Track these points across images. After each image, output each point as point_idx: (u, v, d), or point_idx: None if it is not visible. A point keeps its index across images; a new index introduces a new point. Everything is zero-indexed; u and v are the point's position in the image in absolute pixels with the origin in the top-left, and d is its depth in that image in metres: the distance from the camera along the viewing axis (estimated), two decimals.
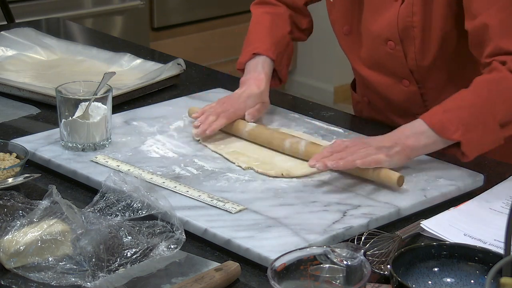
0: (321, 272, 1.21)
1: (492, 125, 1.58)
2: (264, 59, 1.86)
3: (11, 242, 1.32)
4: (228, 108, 1.77)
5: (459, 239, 1.42)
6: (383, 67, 1.82)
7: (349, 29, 1.85)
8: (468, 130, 1.56)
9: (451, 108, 1.59)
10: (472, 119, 1.57)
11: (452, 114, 1.58)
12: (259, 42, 1.88)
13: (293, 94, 1.95)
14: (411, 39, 1.74)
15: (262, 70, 1.84)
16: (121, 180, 1.47)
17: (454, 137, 1.57)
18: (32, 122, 1.89)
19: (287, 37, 1.91)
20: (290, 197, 1.53)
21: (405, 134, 1.60)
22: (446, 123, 1.57)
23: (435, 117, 1.59)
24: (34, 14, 3.32)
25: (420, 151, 1.60)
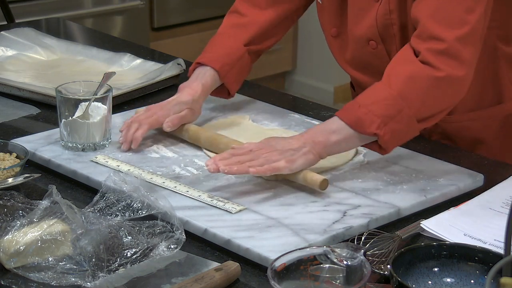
0: (321, 272, 1.21)
1: (408, 116, 1.56)
2: (206, 69, 1.82)
3: (11, 242, 1.32)
4: (152, 115, 1.73)
5: (459, 239, 1.42)
6: (369, 68, 1.82)
7: (337, 32, 1.85)
8: (385, 122, 1.54)
9: (366, 102, 1.56)
10: (387, 111, 1.55)
11: (367, 108, 1.55)
12: (208, 52, 1.85)
13: (293, 94, 1.95)
14: (392, 37, 1.75)
15: (200, 81, 1.81)
16: (121, 180, 1.47)
17: (370, 130, 1.54)
18: (32, 122, 1.89)
19: (241, 49, 1.86)
20: (290, 197, 1.53)
21: (316, 132, 1.57)
22: (361, 117, 1.55)
23: (350, 113, 1.56)
24: (34, 14, 3.32)
25: (332, 148, 1.57)
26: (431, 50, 1.56)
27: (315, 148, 1.55)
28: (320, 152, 1.56)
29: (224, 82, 1.84)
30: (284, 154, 1.54)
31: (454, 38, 1.56)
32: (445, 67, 1.56)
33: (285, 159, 1.53)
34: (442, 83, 1.57)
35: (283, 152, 1.54)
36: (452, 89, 1.59)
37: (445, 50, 1.56)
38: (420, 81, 1.56)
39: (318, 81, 4.68)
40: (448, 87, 1.58)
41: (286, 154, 1.54)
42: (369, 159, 1.68)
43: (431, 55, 1.56)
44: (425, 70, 1.56)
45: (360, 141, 1.57)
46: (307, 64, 4.72)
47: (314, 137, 1.56)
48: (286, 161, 1.53)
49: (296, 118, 1.87)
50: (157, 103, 1.78)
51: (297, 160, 1.54)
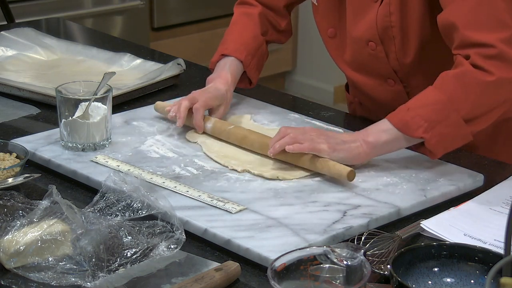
0: (321, 272, 1.21)
1: (456, 121, 1.57)
2: (232, 60, 1.88)
3: (11, 242, 1.32)
4: (197, 99, 1.78)
5: (459, 239, 1.42)
6: (368, 69, 1.83)
7: (334, 32, 1.86)
8: (432, 126, 1.56)
9: (415, 106, 1.59)
10: (435, 115, 1.57)
11: (415, 112, 1.58)
12: (229, 43, 1.90)
13: (293, 94, 1.95)
14: (391, 39, 1.75)
15: (228, 70, 1.86)
16: (121, 180, 1.47)
17: (417, 134, 1.57)
18: (32, 122, 1.89)
19: (259, 38, 1.92)
20: (290, 197, 1.53)
21: (367, 132, 1.61)
22: (409, 121, 1.57)
23: (398, 116, 1.59)
24: (34, 14, 3.32)
25: (381, 148, 1.61)
26: (480, 55, 1.58)
27: (364, 146, 1.60)
28: (369, 151, 1.60)
29: (247, 71, 1.90)
30: (329, 140, 1.59)
31: (499, 41, 1.58)
32: (496, 70, 1.57)
33: (328, 145, 1.58)
34: (493, 86, 1.58)
35: (329, 139, 1.60)
36: (502, 91, 1.60)
37: (494, 55, 1.57)
38: (471, 85, 1.58)
39: (318, 81, 4.68)
40: (499, 89, 1.59)
41: (331, 141, 1.59)
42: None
43: (481, 59, 1.58)
44: (476, 74, 1.58)
45: (407, 143, 1.61)
46: (307, 64, 4.71)
47: (366, 136, 1.60)
48: (328, 146, 1.58)
49: (296, 118, 1.87)
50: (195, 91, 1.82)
51: (340, 150, 1.59)
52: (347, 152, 1.59)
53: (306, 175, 1.61)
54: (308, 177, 1.61)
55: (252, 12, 1.94)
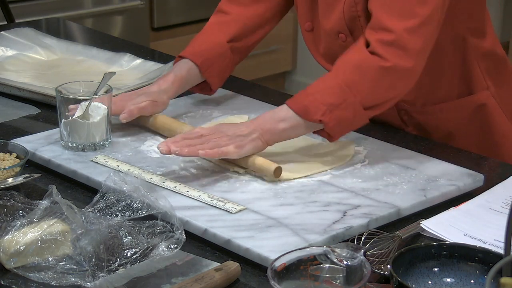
0: (321, 272, 1.21)
1: (354, 104, 1.60)
2: (186, 62, 1.86)
3: (11, 242, 1.32)
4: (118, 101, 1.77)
5: (459, 239, 1.42)
6: None
7: (310, 26, 1.87)
8: (330, 110, 1.59)
9: (314, 91, 1.62)
10: (332, 99, 1.59)
11: (314, 97, 1.60)
12: (190, 47, 1.89)
13: (293, 94, 1.95)
14: (359, 29, 1.76)
15: (173, 72, 1.84)
16: (121, 180, 1.47)
17: (316, 118, 1.59)
18: (32, 122, 1.89)
19: (224, 45, 1.88)
20: (290, 197, 1.53)
21: (264, 120, 1.62)
22: (308, 105, 1.60)
23: (298, 101, 1.62)
24: (34, 14, 3.32)
25: (279, 136, 1.62)
26: (380, 41, 1.61)
27: (263, 135, 1.61)
28: (268, 139, 1.61)
29: (206, 76, 1.88)
30: (233, 139, 1.59)
31: (402, 29, 1.60)
32: (392, 57, 1.60)
33: (234, 144, 1.58)
34: (389, 73, 1.61)
35: (232, 138, 1.59)
36: (399, 79, 1.63)
37: (393, 41, 1.60)
38: (366, 70, 1.61)
39: None
40: (395, 77, 1.62)
41: (235, 140, 1.59)
42: (369, 159, 1.68)
43: (380, 46, 1.60)
44: (372, 60, 1.61)
45: (306, 129, 1.63)
46: (307, 64, 4.71)
47: (262, 125, 1.61)
48: (235, 146, 1.58)
49: None
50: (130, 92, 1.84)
51: (245, 145, 1.59)
52: (253, 145, 1.60)
53: (306, 175, 1.61)
54: (308, 177, 1.61)
55: (224, 20, 1.92)
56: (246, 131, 1.60)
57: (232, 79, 2.12)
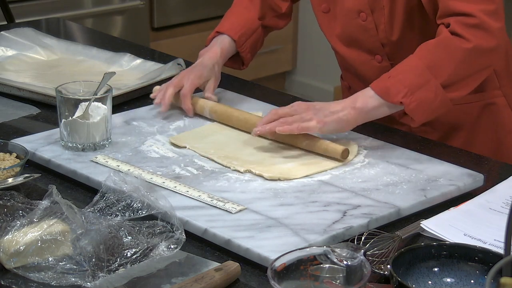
0: (321, 272, 1.21)
1: (435, 86, 1.62)
2: (224, 37, 1.95)
3: (11, 242, 1.32)
4: (184, 80, 1.86)
5: (459, 239, 1.42)
6: (357, 42, 1.86)
7: (327, 7, 1.89)
8: (411, 92, 1.61)
9: (396, 73, 1.64)
10: (414, 81, 1.61)
11: (396, 78, 1.63)
12: (226, 22, 1.97)
13: (293, 94, 1.95)
14: (381, 9, 1.78)
15: (219, 46, 1.93)
16: (121, 180, 1.47)
17: (396, 99, 1.62)
18: (32, 122, 1.89)
19: (255, 22, 1.97)
20: (290, 197, 1.53)
21: (355, 98, 1.66)
22: (389, 87, 1.62)
23: (380, 83, 1.65)
24: (34, 14, 3.32)
25: (367, 113, 1.65)
26: (461, 22, 1.62)
27: (351, 113, 1.63)
28: (357, 116, 1.64)
29: (240, 51, 1.95)
30: (318, 114, 1.62)
31: (481, 12, 1.62)
32: (474, 38, 1.62)
33: (317, 119, 1.61)
34: (471, 54, 1.62)
35: (317, 112, 1.62)
36: (481, 60, 1.65)
37: (474, 24, 1.62)
38: (448, 51, 1.62)
39: (318, 81, 4.68)
40: (477, 57, 1.63)
41: (319, 115, 1.62)
42: (369, 159, 1.68)
43: (460, 27, 1.62)
44: (454, 41, 1.62)
45: (390, 110, 1.65)
46: (307, 64, 4.72)
47: (353, 103, 1.64)
48: (317, 121, 1.61)
49: None
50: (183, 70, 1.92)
51: (329, 122, 1.62)
52: (336, 123, 1.63)
53: (306, 175, 1.61)
54: (308, 177, 1.61)
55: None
56: (335, 108, 1.64)
57: (232, 79, 2.12)
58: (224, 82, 2.10)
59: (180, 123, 1.84)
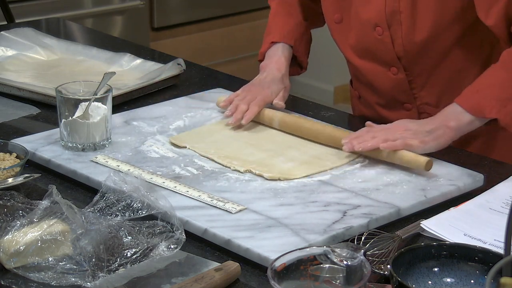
0: (321, 272, 1.21)
1: None
2: (282, 45, 1.92)
3: (11, 242, 1.32)
4: (256, 95, 1.81)
5: (459, 239, 1.42)
6: (372, 55, 1.84)
7: (340, 17, 1.87)
8: (503, 105, 1.59)
9: (483, 87, 1.62)
10: (504, 94, 1.60)
11: (485, 93, 1.61)
12: (276, 32, 1.93)
13: (293, 94, 1.95)
14: (398, 24, 1.76)
15: (281, 54, 1.90)
16: (121, 180, 1.47)
17: (490, 115, 1.60)
18: (32, 122, 1.89)
19: (303, 24, 1.95)
20: (290, 197, 1.53)
21: (446, 117, 1.64)
22: (480, 102, 1.60)
23: (469, 99, 1.62)
24: (34, 14, 3.32)
25: (462, 131, 1.64)
26: None
27: (447, 132, 1.62)
28: (453, 135, 1.63)
29: (297, 56, 1.94)
30: (418, 134, 1.61)
31: None
32: None
33: (419, 139, 1.60)
34: None
35: (417, 133, 1.61)
36: None
37: None
38: None
39: (318, 81, 4.68)
40: None
41: (419, 135, 1.61)
42: (369, 159, 1.67)
43: None
44: None
45: (480, 123, 1.64)
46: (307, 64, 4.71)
47: (446, 122, 1.63)
48: (419, 141, 1.60)
49: None
50: (250, 84, 1.87)
51: (429, 142, 1.61)
52: (435, 142, 1.62)
53: (306, 175, 1.61)
54: (308, 177, 1.61)
55: (290, 2, 1.98)
56: (430, 127, 1.63)
57: (232, 79, 2.12)
58: (225, 82, 2.10)
59: (180, 123, 1.84)
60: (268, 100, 1.83)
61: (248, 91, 1.84)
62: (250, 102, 1.81)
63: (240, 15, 4.23)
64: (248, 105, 1.80)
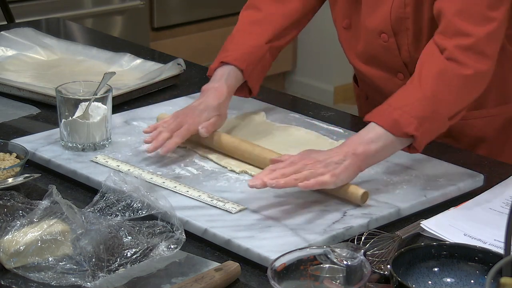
0: (321, 272, 1.21)
1: (441, 116, 1.57)
2: (231, 69, 1.78)
3: (11, 242, 1.32)
4: (182, 124, 1.69)
5: (459, 239, 1.42)
6: (378, 61, 1.83)
7: (349, 23, 1.85)
8: (421, 123, 1.54)
9: (401, 104, 1.56)
10: (422, 112, 1.55)
11: (403, 110, 1.55)
12: (231, 51, 1.81)
13: (293, 94, 1.95)
14: (404, 31, 1.75)
15: (225, 82, 1.76)
16: (121, 180, 1.47)
17: (408, 130, 1.53)
18: (32, 122, 1.89)
19: (263, 47, 1.83)
20: (290, 197, 1.53)
21: (355, 144, 1.54)
22: (398, 119, 1.54)
23: (385, 116, 1.55)
24: (34, 14, 3.32)
25: (372, 159, 1.55)
26: (458, 47, 1.58)
27: (355, 160, 1.52)
28: (361, 164, 1.53)
29: (248, 81, 1.81)
30: (328, 167, 1.51)
31: (481, 34, 1.58)
32: (472, 63, 1.58)
33: (330, 173, 1.50)
34: (470, 80, 1.58)
35: (326, 165, 1.51)
36: (477, 84, 1.61)
37: (471, 46, 1.58)
38: (450, 79, 1.57)
39: (318, 81, 4.68)
40: (475, 82, 1.60)
41: (329, 168, 1.50)
42: None
43: (458, 51, 1.58)
44: (453, 68, 1.57)
45: (399, 146, 1.57)
46: (307, 64, 4.72)
47: (354, 149, 1.53)
48: (331, 175, 1.49)
49: (296, 118, 1.87)
50: (183, 109, 1.73)
51: (340, 174, 1.50)
52: (346, 173, 1.51)
53: None
54: None
55: (258, 17, 1.85)
56: (337, 158, 1.51)
57: None
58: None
59: None
60: (195, 128, 1.68)
61: (176, 117, 1.71)
62: (174, 131, 1.67)
63: None
64: (172, 134, 1.67)
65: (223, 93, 1.74)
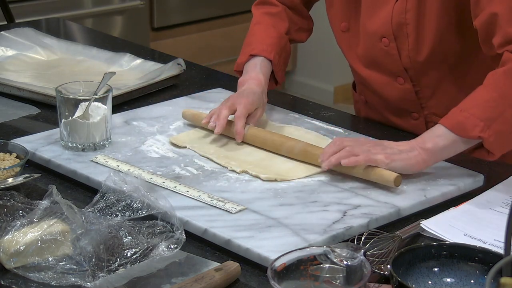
0: (321, 272, 1.21)
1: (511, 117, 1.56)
2: (261, 60, 1.85)
3: (11, 242, 1.32)
4: (236, 105, 1.74)
5: (459, 239, 1.42)
6: (378, 65, 1.82)
7: (347, 26, 1.85)
8: (488, 125, 1.54)
9: (468, 106, 1.57)
10: (489, 113, 1.55)
11: (469, 112, 1.56)
12: (257, 43, 1.87)
13: (293, 94, 1.95)
14: (405, 36, 1.75)
15: (260, 71, 1.83)
16: (121, 180, 1.47)
17: (473, 134, 1.55)
18: (32, 122, 1.89)
19: (284, 37, 1.91)
20: (290, 197, 1.53)
21: (423, 139, 1.58)
22: (463, 121, 1.56)
23: (452, 118, 1.58)
24: (34, 14, 3.32)
25: (440, 154, 1.58)
26: None
27: (422, 153, 1.56)
28: (428, 158, 1.57)
29: (275, 70, 1.87)
30: (386, 150, 1.56)
31: None
32: None
33: (385, 155, 1.55)
34: None
35: (385, 148, 1.57)
36: None
37: None
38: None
39: (318, 81, 4.68)
40: None
41: (387, 151, 1.56)
42: None
43: None
44: None
45: (465, 145, 1.58)
46: (307, 64, 4.72)
47: (422, 144, 1.57)
48: (385, 157, 1.55)
49: (296, 118, 1.87)
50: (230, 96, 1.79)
51: (398, 160, 1.55)
52: (404, 162, 1.56)
53: (306, 175, 1.61)
54: (308, 177, 1.61)
55: (274, 11, 1.93)
56: (404, 147, 1.57)
57: (232, 79, 2.12)
58: (225, 82, 2.10)
59: (180, 123, 1.84)
60: (250, 107, 1.74)
61: (227, 101, 1.76)
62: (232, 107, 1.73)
63: (240, 15, 4.23)
64: (229, 110, 1.73)
65: (261, 81, 1.82)
